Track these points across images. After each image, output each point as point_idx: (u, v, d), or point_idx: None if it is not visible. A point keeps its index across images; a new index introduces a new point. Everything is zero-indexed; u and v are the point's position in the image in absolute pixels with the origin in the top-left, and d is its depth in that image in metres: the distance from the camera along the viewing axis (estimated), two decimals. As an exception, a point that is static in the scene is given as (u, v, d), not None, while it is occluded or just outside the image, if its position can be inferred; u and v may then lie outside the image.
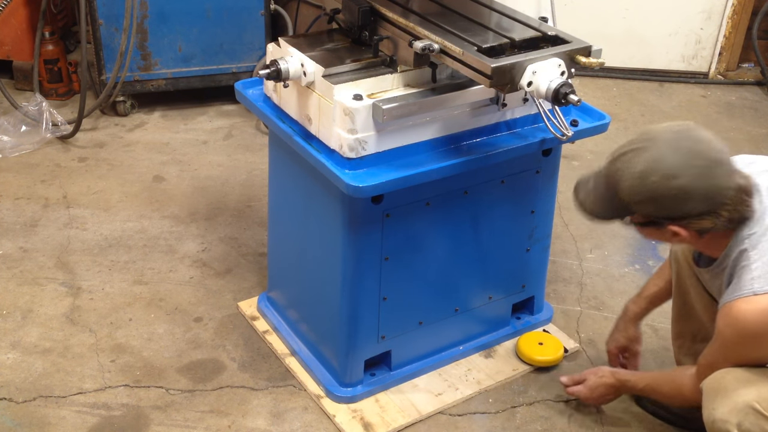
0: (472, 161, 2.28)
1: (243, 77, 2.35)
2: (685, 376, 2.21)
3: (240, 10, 4.04)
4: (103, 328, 2.88)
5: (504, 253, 2.65)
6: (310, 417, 2.55)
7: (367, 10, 2.30)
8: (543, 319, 2.87)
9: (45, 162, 3.80)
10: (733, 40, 4.68)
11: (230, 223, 3.41)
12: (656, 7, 4.48)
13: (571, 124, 2.45)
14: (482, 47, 2.12)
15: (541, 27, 2.27)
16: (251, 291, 3.03)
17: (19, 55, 4.31)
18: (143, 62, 4.03)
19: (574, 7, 4.43)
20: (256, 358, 2.76)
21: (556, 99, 2.07)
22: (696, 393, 2.11)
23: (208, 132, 4.07)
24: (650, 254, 3.22)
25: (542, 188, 2.62)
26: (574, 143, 3.88)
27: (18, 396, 2.61)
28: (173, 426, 2.52)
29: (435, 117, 2.26)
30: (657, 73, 4.74)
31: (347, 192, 2.16)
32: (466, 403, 2.60)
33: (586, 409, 2.58)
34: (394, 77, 2.26)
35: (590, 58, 2.15)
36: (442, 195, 2.40)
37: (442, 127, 2.29)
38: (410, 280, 2.49)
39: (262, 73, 2.27)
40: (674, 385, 2.25)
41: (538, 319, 2.86)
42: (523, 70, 2.06)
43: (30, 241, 3.29)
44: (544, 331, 2.82)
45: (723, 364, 2.04)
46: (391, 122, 2.16)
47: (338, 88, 2.19)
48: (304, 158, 2.32)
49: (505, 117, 2.39)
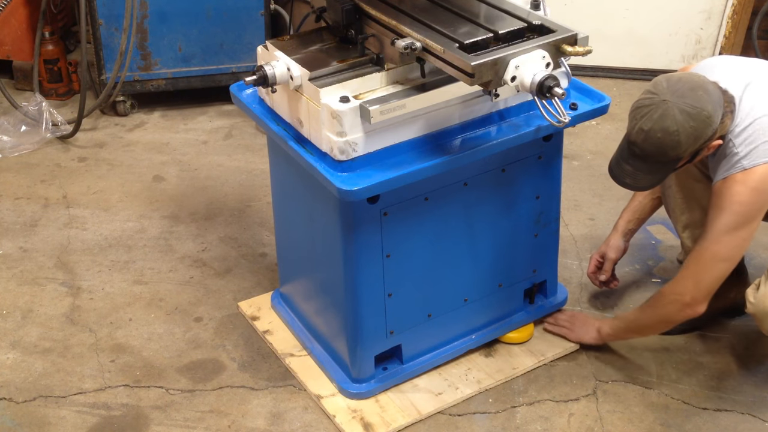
0: (466, 155, 2.27)
1: (243, 77, 2.34)
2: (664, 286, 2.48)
3: (240, 10, 4.04)
4: (103, 328, 2.88)
5: (511, 240, 2.63)
6: (310, 417, 2.55)
7: (351, 8, 2.27)
8: (558, 302, 2.86)
9: (45, 162, 3.80)
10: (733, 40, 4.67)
11: (230, 223, 3.41)
12: (656, 7, 4.47)
13: (570, 108, 2.41)
14: (464, 43, 2.09)
15: (528, 17, 2.23)
16: (251, 291, 3.03)
17: (19, 55, 4.31)
18: (143, 62, 4.03)
19: (574, 7, 4.43)
20: (256, 358, 2.76)
21: (540, 92, 2.05)
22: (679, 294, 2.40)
23: (208, 132, 4.06)
24: (650, 254, 3.22)
25: (545, 173, 2.60)
26: (574, 144, 3.89)
27: (18, 396, 2.61)
28: (173, 426, 2.52)
29: (425, 113, 2.24)
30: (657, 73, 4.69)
31: (339, 196, 2.16)
32: (466, 403, 2.60)
33: (586, 409, 2.58)
34: (382, 75, 2.23)
35: (576, 47, 2.11)
36: (441, 189, 2.39)
37: (434, 122, 2.27)
38: (414, 274, 2.48)
39: (249, 80, 2.26)
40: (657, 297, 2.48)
41: (552, 302, 2.85)
42: (506, 65, 2.04)
43: (30, 241, 3.29)
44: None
45: (711, 243, 2.32)
46: (380, 122, 2.15)
47: (325, 91, 2.17)
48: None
49: (498, 107, 2.36)
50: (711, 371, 2.73)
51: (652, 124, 2.19)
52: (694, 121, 2.17)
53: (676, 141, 2.18)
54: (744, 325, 2.89)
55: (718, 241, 2.32)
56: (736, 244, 2.33)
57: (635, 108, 2.25)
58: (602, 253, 2.87)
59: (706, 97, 2.20)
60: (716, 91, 2.24)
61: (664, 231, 3.32)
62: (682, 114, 2.17)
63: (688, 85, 2.21)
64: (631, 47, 4.57)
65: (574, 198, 3.54)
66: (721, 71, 2.38)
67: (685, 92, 2.19)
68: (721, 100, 2.24)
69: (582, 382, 2.67)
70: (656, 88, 2.23)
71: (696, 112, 2.17)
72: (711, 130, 2.21)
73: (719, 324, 2.89)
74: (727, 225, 2.30)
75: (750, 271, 2.90)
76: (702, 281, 2.38)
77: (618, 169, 2.34)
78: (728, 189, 2.28)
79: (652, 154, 2.23)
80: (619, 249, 2.86)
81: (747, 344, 2.83)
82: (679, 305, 2.43)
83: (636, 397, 2.63)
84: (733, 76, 2.35)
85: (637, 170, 2.29)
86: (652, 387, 2.66)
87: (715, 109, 2.20)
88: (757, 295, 2.41)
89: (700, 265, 2.38)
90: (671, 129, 2.17)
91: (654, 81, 2.27)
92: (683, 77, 2.24)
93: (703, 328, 2.87)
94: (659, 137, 2.19)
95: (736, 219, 2.29)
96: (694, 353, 2.79)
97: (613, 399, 2.62)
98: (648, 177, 2.31)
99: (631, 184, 2.35)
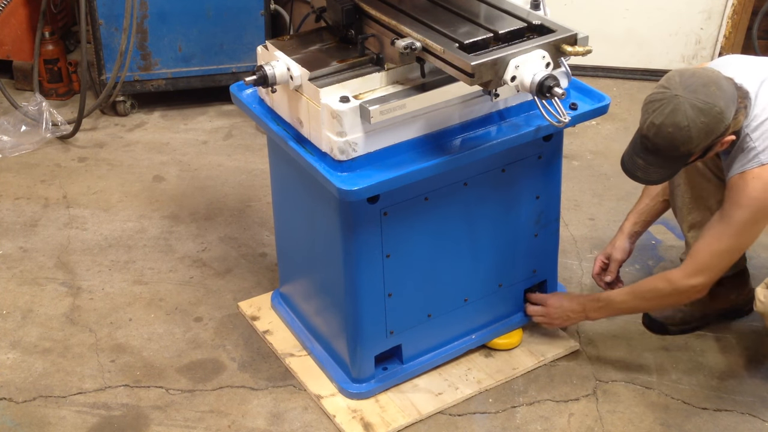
0: (466, 155, 2.27)
1: (243, 77, 2.34)
2: (670, 272, 2.46)
3: (240, 10, 4.04)
4: (103, 328, 2.88)
5: (511, 241, 2.64)
6: (310, 417, 2.55)
7: (351, 8, 2.27)
8: None
9: (45, 162, 3.80)
10: (733, 40, 4.67)
11: (230, 223, 3.41)
12: (656, 7, 4.47)
13: (570, 108, 2.41)
14: (464, 43, 2.09)
15: (528, 16, 2.23)
16: (251, 291, 3.03)
17: (19, 55, 4.31)
18: (143, 62, 4.03)
19: (574, 7, 4.43)
20: (256, 358, 2.76)
21: (540, 92, 2.05)
22: (686, 282, 2.40)
23: (208, 132, 4.06)
24: (650, 254, 3.22)
25: (545, 173, 2.60)
26: (574, 144, 3.89)
27: (18, 396, 2.61)
28: (173, 426, 2.52)
29: (425, 113, 2.24)
30: (657, 73, 4.72)
31: (339, 196, 2.16)
32: (466, 403, 2.60)
33: (586, 409, 2.58)
34: (382, 75, 2.23)
35: (576, 47, 2.11)
36: (441, 189, 2.39)
37: (434, 122, 2.27)
38: (414, 274, 2.48)
39: (249, 80, 2.26)
40: (660, 282, 2.48)
41: None
42: (506, 65, 2.04)
43: (30, 241, 3.29)
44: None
45: (725, 236, 2.32)
46: (379, 122, 2.15)
47: (324, 91, 2.17)
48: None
49: (498, 107, 2.36)
50: (711, 371, 2.73)
51: (663, 119, 2.19)
52: (706, 116, 2.17)
53: (687, 136, 2.18)
54: (744, 325, 2.89)
55: (733, 235, 2.33)
56: (751, 237, 2.36)
57: (648, 102, 2.25)
58: (607, 254, 2.85)
59: (718, 92, 2.19)
60: (730, 86, 2.24)
61: (665, 231, 3.32)
62: (694, 109, 2.17)
63: (700, 81, 2.20)
64: (631, 47, 4.57)
65: (574, 198, 3.54)
66: (737, 67, 2.38)
67: (698, 87, 2.19)
68: (735, 96, 2.24)
69: (582, 382, 2.67)
70: (669, 83, 2.23)
71: (708, 107, 2.17)
72: (723, 125, 2.21)
73: (719, 324, 2.89)
74: (743, 220, 2.30)
75: (750, 271, 2.90)
76: (714, 272, 2.41)
77: (630, 163, 2.33)
78: (745, 184, 2.28)
79: (664, 148, 2.23)
80: (624, 251, 2.84)
81: (747, 344, 2.83)
82: (691, 294, 2.45)
83: (636, 397, 2.63)
84: (749, 72, 2.35)
85: (648, 164, 2.29)
86: (652, 387, 2.66)
87: (727, 105, 2.20)
88: (767, 293, 2.41)
89: (714, 257, 2.38)
90: (682, 124, 2.17)
91: (667, 75, 2.26)
92: (697, 72, 2.24)
93: (703, 328, 2.87)
94: (670, 132, 2.19)
95: (753, 214, 2.29)
96: (694, 353, 2.79)
97: (613, 399, 2.62)
98: (659, 171, 2.31)
99: (642, 178, 2.34)
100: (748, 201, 2.28)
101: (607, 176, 3.68)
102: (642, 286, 2.54)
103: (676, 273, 2.45)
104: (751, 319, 2.87)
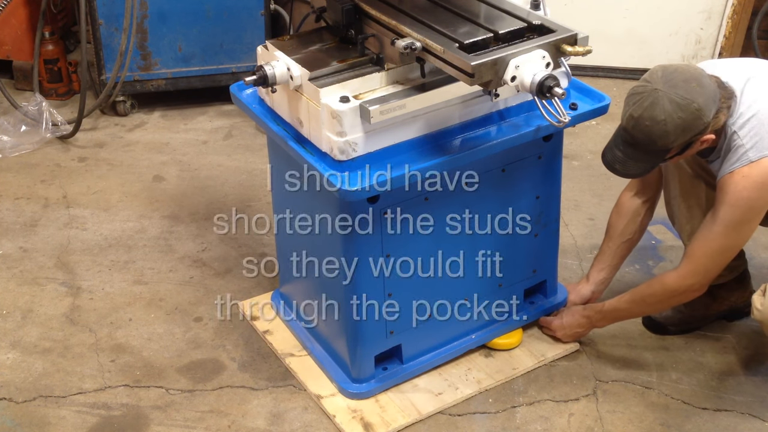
0: (466, 155, 2.27)
1: (243, 77, 2.34)
2: (667, 275, 2.48)
3: (240, 10, 4.04)
4: (103, 328, 2.88)
5: (511, 241, 2.63)
6: (310, 417, 2.55)
7: (351, 8, 2.27)
8: (558, 302, 2.86)
9: (45, 162, 3.80)
10: (733, 40, 4.67)
11: (230, 223, 3.41)
12: (656, 7, 4.47)
13: (570, 108, 2.41)
14: (464, 43, 2.09)
15: (528, 16, 2.23)
16: (251, 291, 3.03)
17: (19, 55, 4.31)
18: (143, 62, 4.03)
19: (574, 7, 4.43)
20: (256, 358, 2.76)
21: (540, 92, 2.05)
22: (683, 283, 2.42)
23: (208, 132, 4.06)
24: (650, 254, 3.22)
25: (545, 173, 2.60)
26: (574, 144, 3.89)
27: (18, 396, 2.61)
28: (173, 426, 2.52)
29: (425, 113, 2.24)
30: (657, 73, 4.73)
31: (339, 196, 2.16)
32: (466, 403, 2.60)
33: (586, 409, 2.58)
34: (382, 75, 2.23)
35: (576, 47, 2.11)
36: (440, 189, 2.38)
37: (434, 122, 2.27)
38: (414, 275, 2.48)
39: (248, 80, 2.26)
40: (658, 286, 2.49)
41: (552, 302, 2.85)
42: (506, 65, 2.04)
43: (30, 241, 3.29)
44: None
45: (717, 236, 2.33)
46: (379, 122, 2.15)
47: (325, 91, 2.17)
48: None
49: (498, 107, 2.37)
50: (711, 371, 2.73)
51: (642, 112, 2.19)
52: (683, 112, 2.17)
53: (664, 130, 2.18)
54: (744, 326, 2.89)
55: (725, 235, 2.33)
56: (744, 236, 2.36)
57: (629, 94, 2.26)
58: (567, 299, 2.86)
59: (699, 89, 2.19)
60: (712, 85, 2.23)
61: (664, 231, 3.32)
62: (672, 104, 2.17)
63: (682, 77, 2.20)
64: (631, 47, 4.57)
65: (574, 198, 3.54)
66: (723, 66, 2.38)
67: (678, 83, 2.19)
68: (717, 95, 2.24)
69: (582, 382, 2.67)
70: (651, 77, 2.23)
71: (686, 103, 2.17)
72: (701, 123, 2.20)
73: (719, 324, 2.89)
74: (735, 220, 2.30)
75: (750, 271, 2.90)
76: (710, 272, 2.42)
77: (610, 154, 2.34)
78: (735, 184, 2.28)
79: (641, 141, 2.23)
80: (584, 298, 2.81)
81: (747, 344, 2.83)
82: (687, 295, 2.47)
83: (636, 397, 2.63)
84: (735, 71, 2.35)
85: (627, 157, 2.29)
86: (652, 387, 2.66)
87: (707, 103, 2.19)
88: (764, 301, 2.41)
89: (709, 258, 2.39)
90: (659, 118, 2.17)
91: (651, 69, 2.27)
92: (680, 68, 2.24)
93: (703, 328, 2.87)
94: (647, 125, 2.19)
95: (744, 214, 2.30)
96: (694, 353, 2.79)
97: (613, 399, 2.62)
98: (637, 165, 2.31)
99: (620, 171, 2.34)
100: (739, 200, 2.28)
101: (607, 176, 3.64)
102: (641, 292, 2.55)
103: (672, 275, 2.46)
104: (751, 320, 2.86)
